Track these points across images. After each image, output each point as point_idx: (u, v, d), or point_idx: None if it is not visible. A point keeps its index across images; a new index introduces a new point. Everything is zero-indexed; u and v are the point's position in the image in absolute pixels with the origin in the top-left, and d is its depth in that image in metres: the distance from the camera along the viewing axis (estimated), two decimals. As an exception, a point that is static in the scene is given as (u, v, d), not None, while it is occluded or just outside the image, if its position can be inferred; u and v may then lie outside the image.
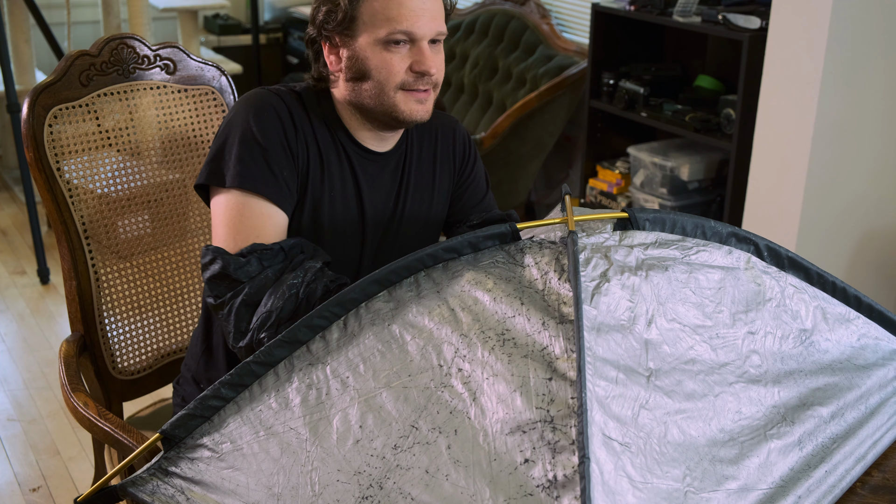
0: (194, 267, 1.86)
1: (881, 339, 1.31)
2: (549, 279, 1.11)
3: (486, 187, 1.69)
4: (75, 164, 1.68)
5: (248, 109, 1.46)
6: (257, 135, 1.43)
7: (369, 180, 1.52)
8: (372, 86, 1.45)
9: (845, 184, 2.70)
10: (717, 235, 1.23)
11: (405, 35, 1.42)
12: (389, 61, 1.43)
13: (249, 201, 1.42)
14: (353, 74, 1.46)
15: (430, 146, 1.61)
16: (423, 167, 1.59)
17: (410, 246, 1.56)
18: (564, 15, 3.87)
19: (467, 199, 1.64)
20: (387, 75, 1.44)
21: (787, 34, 2.57)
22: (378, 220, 1.54)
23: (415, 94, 1.45)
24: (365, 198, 1.52)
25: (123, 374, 1.78)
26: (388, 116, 1.47)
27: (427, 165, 1.60)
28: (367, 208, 1.52)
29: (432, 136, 1.61)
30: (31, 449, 2.66)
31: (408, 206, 1.57)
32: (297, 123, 1.48)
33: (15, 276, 3.70)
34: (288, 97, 1.50)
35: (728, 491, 1.05)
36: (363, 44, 1.44)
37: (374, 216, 1.53)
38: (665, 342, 1.12)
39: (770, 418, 1.15)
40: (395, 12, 1.41)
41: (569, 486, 0.94)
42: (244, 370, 1.14)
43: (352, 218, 1.51)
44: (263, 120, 1.44)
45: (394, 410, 1.07)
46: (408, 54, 1.44)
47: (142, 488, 1.13)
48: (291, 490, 1.06)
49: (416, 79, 1.44)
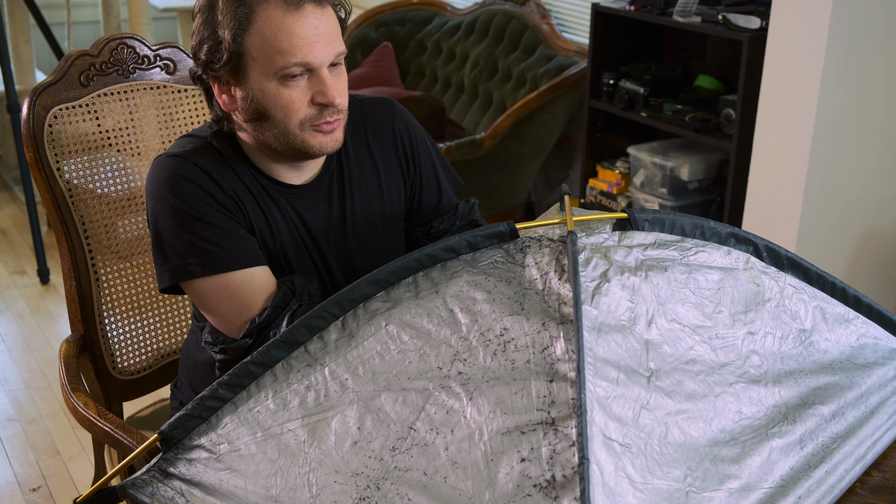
0: (194, 267, 1.86)
1: (880, 338, 1.31)
2: (549, 279, 1.10)
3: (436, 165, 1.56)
4: (75, 164, 1.68)
5: (161, 191, 1.35)
6: (189, 211, 1.33)
7: (308, 211, 1.44)
8: (273, 125, 1.33)
9: (845, 184, 2.70)
10: (717, 236, 1.23)
11: (301, 66, 1.29)
12: (288, 98, 1.30)
13: (228, 280, 1.35)
14: (250, 115, 1.33)
15: (362, 147, 1.49)
16: (363, 171, 1.48)
17: (374, 249, 1.49)
18: (564, 15, 3.87)
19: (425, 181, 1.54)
20: (287, 113, 1.31)
21: (787, 34, 2.57)
22: (330, 241, 1.46)
23: (322, 128, 1.33)
24: (312, 227, 1.44)
25: (123, 374, 1.78)
26: (298, 154, 1.36)
27: (367, 167, 1.49)
28: (318, 236, 1.45)
29: (363, 135, 1.49)
30: (31, 449, 2.66)
31: (358, 216, 1.47)
32: (220, 183, 1.36)
33: (15, 276, 3.70)
34: (199, 157, 1.37)
35: (730, 490, 1.05)
36: (255, 82, 1.31)
37: (326, 240, 1.46)
38: (665, 342, 1.12)
39: (771, 418, 1.15)
40: (286, 43, 1.28)
41: (568, 487, 0.94)
42: (242, 371, 1.14)
43: (303, 249, 1.44)
44: (184, 195, 1.34)
45: (392, 412, 1.07)
46: (307, 86, 1.31)
47: (141, 490, 1.13)
48: (289, 492, 1.06)
49: (320, 111, 1.32)
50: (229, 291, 1.35)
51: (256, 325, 1.33)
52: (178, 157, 1.37)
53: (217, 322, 1.38)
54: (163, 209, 1.35)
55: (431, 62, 4.25)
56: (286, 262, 1.43)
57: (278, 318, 1.33)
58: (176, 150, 1.39)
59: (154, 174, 1.38)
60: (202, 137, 1.41)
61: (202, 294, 1.37)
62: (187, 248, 1.34)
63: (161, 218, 1.36)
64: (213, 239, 1.34)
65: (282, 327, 1.31)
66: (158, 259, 1.38)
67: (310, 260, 1.45)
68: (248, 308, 1.35)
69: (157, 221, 1.36)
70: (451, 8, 4.28)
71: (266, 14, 1.28)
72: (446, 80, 4.15)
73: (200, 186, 1.35)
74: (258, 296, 1.35)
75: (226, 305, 1.36)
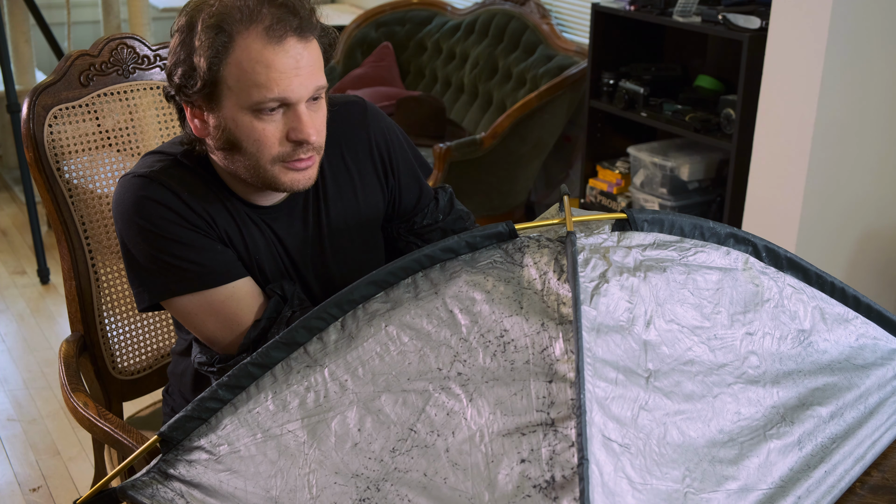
0: (194, 267, 1.86)
1: (880, 338, 1.31)
2: (548, 279, 1.10)
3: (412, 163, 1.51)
4: (75, 164, 1.68)
5: (130, 213, 1.29)
6: (160, 233, 1.28)
7: (283, 229, 1.40)
8: (244, 157, 1.27)
9: (845, 184, 2.70)
10: (716, 236, 1.23)
11: (278, 101, 1.24)
12: (262, 132, 1.25)
13: (211, 297, 1.31)
14: (221, 144, 1.28)
15: (336, 158, 1.43)
16: (337, 182, 1.43)
17: (351, 261, 1.46)
18: (564, 15, 3.87)
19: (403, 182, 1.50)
20: (259, 147, 1.26)
21: (787, 34, 2.57)
22: (307, 257, 1.42)
23: (295, 165, 1.28)
24: (288, 245, 1.40)
25: (123, 374, 1.78)
26: (267, 187, 1.31)
27: (342, 178, 1.44)
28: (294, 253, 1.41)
29: (337, 145, 1.43)
30: (31, 449, 2.66)
31: (333, 229, 1.43)
32: (188, 202, 1.31)
33: (15, 276, 3.70)
34: (166, 176, 1.31)
35: (728, 491, 1.05)
36: (229, 111, 1.25)
37: (302, 257, 1.42)
38: (664, 343, 1.12)
39: (769, 419, 1.15)
40: (264, 77, 1.22)
41: (567, 488, 0.94)
42: (241, 371, 1.14)
43: (279, 264, 1.41)
44: (153, 216, 1.28)
45: (392, 413, 1.07)
46: (283, 121, 1.26)
47: (141, 491, 1.13)
48: (289, 493, 1.06)
49: (294, 148, 1.27)
50: (214, 308, 1.32)
51: (251, 339, 1.30)
52: (145, 177, 1.31)
53: (205, 338, 1.35)
54: (132, 231, 1.31)
55: (431, 62, 4.25)
56: (261, 275, 1.39)
57: (273, 328, 1.31)
58: (142, 169, 1.33)
59: (120, 196, 1.32)
60: (171, 155, 1.36)
61: (185, 312, 1.33)
62: (163, 268, 1.30)
63: (132, 240, 1.31)
64: (189, 258, 1.30)
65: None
66: (135, 281, 1.33)
67: (286, 275, 1.42)
68: (237, 322, 1.32)
69: (128, 243, 1.32)
70: (451, 8, 4.28)
71: (246, 44, 1.22)
72: (446, 80, 4.15)
73: (169, 207, 1.29)
74: (245, 309, 1.32)
75: (213, 322, 1.33)
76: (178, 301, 1.33)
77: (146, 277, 1.32)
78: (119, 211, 1.32)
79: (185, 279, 1.30)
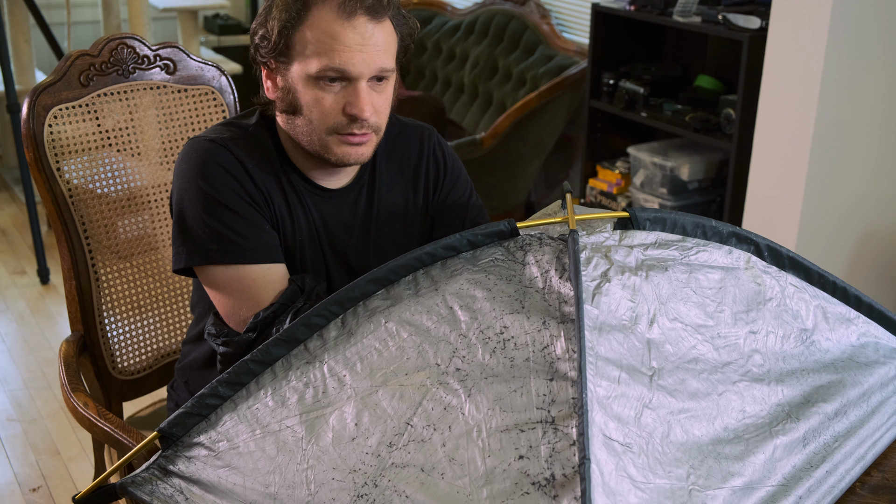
0: (194, 267, 1.86)
1: (881, 338, 1.31)
2: (550, 278, 1.10)
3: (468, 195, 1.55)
4: (75, 164, 1.68)
5: (192, 173, 1.33)
6: (218, 198, 1.32)
7: (332, 215, 1.43)
8: (304, 123, 1.33)
9: (846, 184, 2.70)
10: (718, 235, 1.23)
11: (337, 73, 1.29)
12: (321, 100, 1.30)
13: (244, 272, 1.34)
14: (285, 107, 1.34)
15: (395, 169, 1.48)
16: (392, 193, 1.47)
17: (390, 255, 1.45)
18: (564, 15, 3.87)
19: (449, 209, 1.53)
20: (318, 115, 1.31)
21: (787, 34, 2.57)
22: (348, 247, 1.45)
23: (349, 139, 1.32)
24: (333, 232, 1.43)
25: (123, 374, 1.78)
26: (320, 157, 1.36)
27: (397, 189, 1.48)
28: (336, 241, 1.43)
29: (397, 159, 1.48)
30: (31, 449, 2.66)
31: (380, 232, 1.46)
32: (253, 175, 1.36)
33: (15, 276, 3.70)
34: (236, 146, 1.36)
35: (733, 488, 1.05)
36: (295, 75, 1.31)
37: (343, 245, 1.45)
38: (668, 341, 1.12)
39: (775, 416, 1.15)
40: (328, 46, 1.28)
41: (568, 486, 0.94)
42: (242, 368, 1.14)
43: (318, 250, 1.43)
44: (215, 181, 1.33)
45: (389, 408, 1.06)
46: (342, 93, 1.30)
47: (141, 487, 1.13)
48: (287, 489, 1.06)
49: (350, 122, 1.31)
50: (243, 284, 1.34)
51: (260, 319, 1.32)
52: (215, 142, 1.36)
53: (224, 310, 1.37)
54: (191, 191, 1.34)
55: (431, 62, 4.25)
56: (301, 260, 1.43)
57: (283, 314, 1.33)
58: (214, 134, 1.38)
59: (186, 155, 1.36)
60: (243, 127, 1.41)
61: (216, 281, 1.36)
62: (210, 233, 1.33)
63: (187, 199, 1.34)
64: (237, 229, 1.33)
65: (285, 324, 1.31)
66: (178, 239, 1.36)
67: (322, 261, 1.45)
68: (258, 303, 1.34)
69: (183, 202, 1.35)
70: (451, 8, 4.28)
71: (319, 14, 1.29)
72: (446, 80, 4.15)
73: (233, 175, 1.34)
74: (270, 292, 1.35)
75: (237, 296, 1.35)
76: (212, 270, 1.35)
77: (189, 239, 1.35)
78: (182, 170, 1.36)
79: (226, 249, 1.33)
